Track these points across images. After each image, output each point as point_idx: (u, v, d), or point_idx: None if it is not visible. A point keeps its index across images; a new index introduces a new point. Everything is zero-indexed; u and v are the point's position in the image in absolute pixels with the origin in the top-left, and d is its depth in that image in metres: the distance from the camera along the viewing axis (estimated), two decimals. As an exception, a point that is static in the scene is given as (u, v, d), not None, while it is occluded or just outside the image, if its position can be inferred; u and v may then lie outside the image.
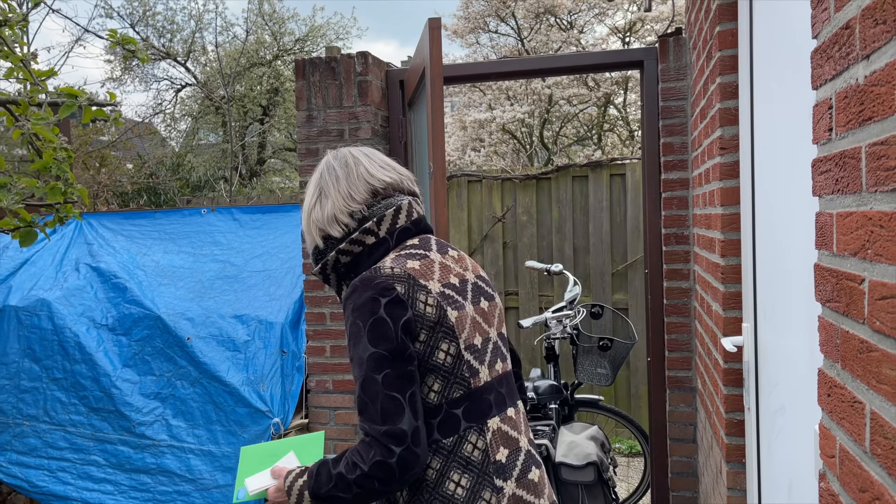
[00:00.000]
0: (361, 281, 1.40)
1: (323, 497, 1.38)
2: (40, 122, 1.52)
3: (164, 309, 3.39)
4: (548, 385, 3.07)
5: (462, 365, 1.42)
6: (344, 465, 1.36)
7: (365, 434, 1.35)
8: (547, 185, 5.10)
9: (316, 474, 1.40)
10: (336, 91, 3.20)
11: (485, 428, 1.43)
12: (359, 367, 1.36)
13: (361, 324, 1.36)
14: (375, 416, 1.33)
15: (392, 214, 1.50)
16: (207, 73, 12.59)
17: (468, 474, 1.40)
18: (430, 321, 1.39)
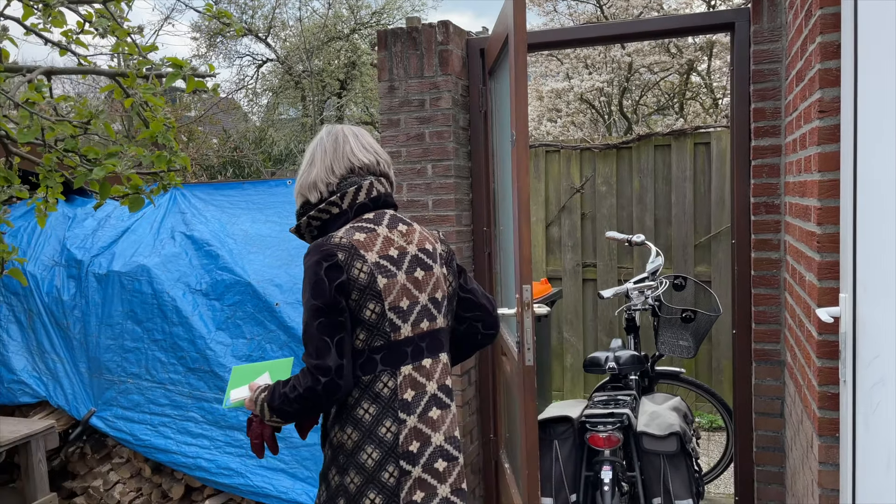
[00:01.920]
0: (314, 246, 1.75)
1: (275, 409, 1.76)
2: (148, 91, 1.60)
3: (253, 276, 3.54)
4: (629, 355, 3.05)
5: (385, 322, 1.76)
6: (289, 387, 1.73)
7: (305, 367, 1.71)
8: (628, 154, 5.00)
9: (272, 391, 1.78)
10: (417, 61, 3.22)
11: (397, 372, 1.78)
12: (305, 312, 1.72)
13: (307, 281, 1.72)
14: (312, 353, 1.69)
15: (353, 192, 1.82)
16: (287, 49, 12.84)
17: (376, 405, 1.76)
18: (362, 285, 1.72)
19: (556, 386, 5.20)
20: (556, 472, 2.71)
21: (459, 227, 3.25)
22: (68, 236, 3.87)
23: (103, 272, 3.66)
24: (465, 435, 3.29)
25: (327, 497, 1.82)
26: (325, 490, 1.83)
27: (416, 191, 3.26)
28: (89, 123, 1.55)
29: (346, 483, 1.77)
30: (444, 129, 3.19)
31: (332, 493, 1.81)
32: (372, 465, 1.75)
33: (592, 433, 2.63)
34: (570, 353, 5.20)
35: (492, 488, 3.49)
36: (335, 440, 1.80)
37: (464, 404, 3.27)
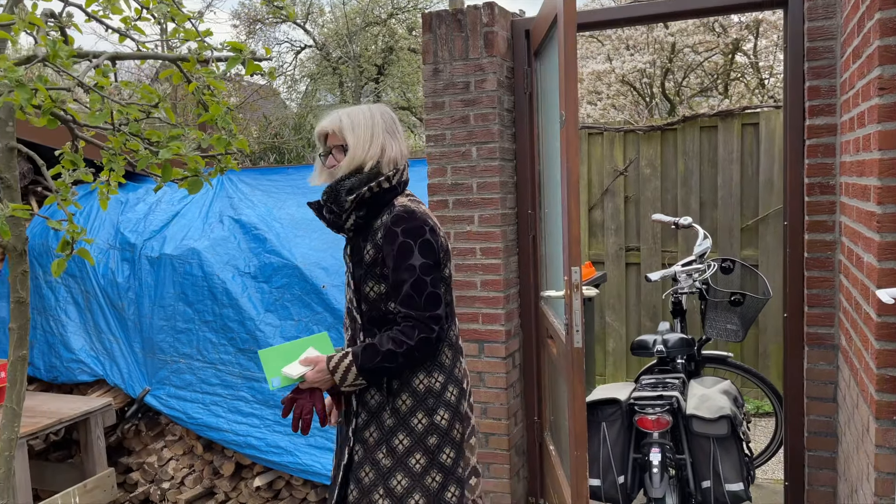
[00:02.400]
0: (407, 214, 1.93)
1: (370, 369, 1.88)
2: (209, 75, 1.63)
3: (300, 259, 3.59)
4: (678, 338, 3.03)
5: (451, 279, 2.05)
6: (391, 343, 1.88)
7: (408, 319, 1.89)
8: (672, 136, 4.93)
9: (362, 353, 1.89)
10: (462, 43, 3.22)
11: (456, 322, 2.09)
12: (410, 272, 1.89)
13: (412, 242, 1.90)
14: (422, 306, 1.88)
15: (402, 169, 2.03)
16: (325, 34, 12.90)
17: (452, 350, 2.04)
18: (444, 247, 1.99)
19: (599, 371, 5.18)
20: (604, 453, 2.71)
21: (504, 210, 3.25)
22: (122, 220, 3.97)
23: (155, 255, 3.76)
24: (510, 416, 3.31)
25: (412, 442, 1.96)
26: (405, 438, 1.96)
27: (460, 174, 3.26)
28: (156, 107, 1.59)
29: (436, 421, 1.98)
30: (488, 111, 3.19)
31: (419, 436, 1.96)
32: (454, 401, 2.01)
33: (641, 415, 2.63)
34: (612, 337, 5.17)
35: (536, 470, 3.51)
36: (421, 387, 1.97)
37: (508, 387, 3.29)
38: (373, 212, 1.98)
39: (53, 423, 3.26)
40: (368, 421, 2.01)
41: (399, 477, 1.96)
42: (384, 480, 1.96)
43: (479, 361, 3.28)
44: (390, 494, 1.95)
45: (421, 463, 1.97)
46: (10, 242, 1.68)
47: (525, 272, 3.40)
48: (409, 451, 1.96)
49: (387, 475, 1.96)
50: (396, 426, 1.97)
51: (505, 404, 3.26)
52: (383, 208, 1.97)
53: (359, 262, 2.00)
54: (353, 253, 2.03)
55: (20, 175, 4.09)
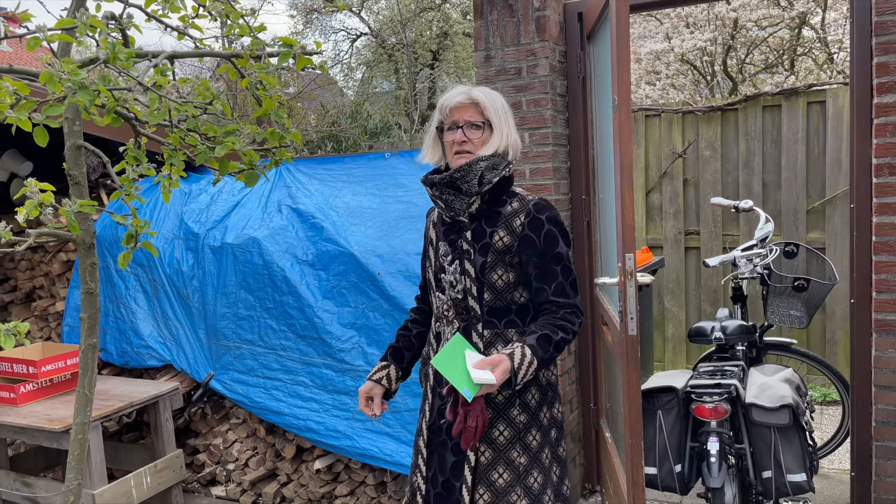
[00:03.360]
0: (544, 202, 1.93)
1: (546, 360, 1.82)
2: (262, 71, 1.67)
3: (356, 247, 3.65)
4: (737, 325, 2.95)
5: None
6: (562, 332, 1.84)
7: (566, 307, 1.87)
8: (733, 116, 4.78)
9: (539, 345, 1.80)
10: (514, 28, 3.19)
11: None
12: (558, 261, 1.88)
13: (556, 231, 1.89)
14: (572, 294, 1.90)
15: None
16: (381, 22, 12.96)
17: None
18: None
19: (657, 357, 5.10)
20: (660, 442, 2.68)
21: (557, 196, 3.23)
22: (185, 211, 4.11)
23: (218, 244, 3.88)
24: (565, 403, 3.30)
25: (542, 438, 1.93)
26: (537, 433, 1.92)
27: (513, 160, 3.25)
28: (210, 104, 1.64)
29: (555, 414, 1.99)
30: (541, 96, 3.16)
31: (545, 431, 1.95)
32: (560, 393, 2.06)
33: (698, 404, 2.58)
34: (671, 323, 5.08)
35: (592, 457, 3.50)
36: (544, 380, 1.96)
37: (563, 373, 3.27)
38: (496, 197, 1.92)
39: (125, 406, 3.42)
40: (495, 418, 1.89)
41: (535, 474, 1.90)
42: (521, 479, 1.88)
43: (534, 348, 3.27)
44: (528, 493, 1.88)
45: (549, 458, 1.94)
46: (78, 236, 1.76)
47: (580, 258, 3.37)
48: (541, 447, 1.91)
49: (524, 474, 1.88)
50: (530, 422, 1.90)
51: (560, 391, 3.25)
52: (504, 195, 1.93)
53: (484, 249, 1.90)
54: (476, 239, 1.92)
55: (91, 169, 4.28)
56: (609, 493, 3.11)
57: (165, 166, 1.99)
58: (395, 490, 3.44)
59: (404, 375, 2.14)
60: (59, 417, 3.28)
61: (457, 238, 1.96)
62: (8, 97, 1.50)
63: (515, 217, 1.89)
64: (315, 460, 3.60)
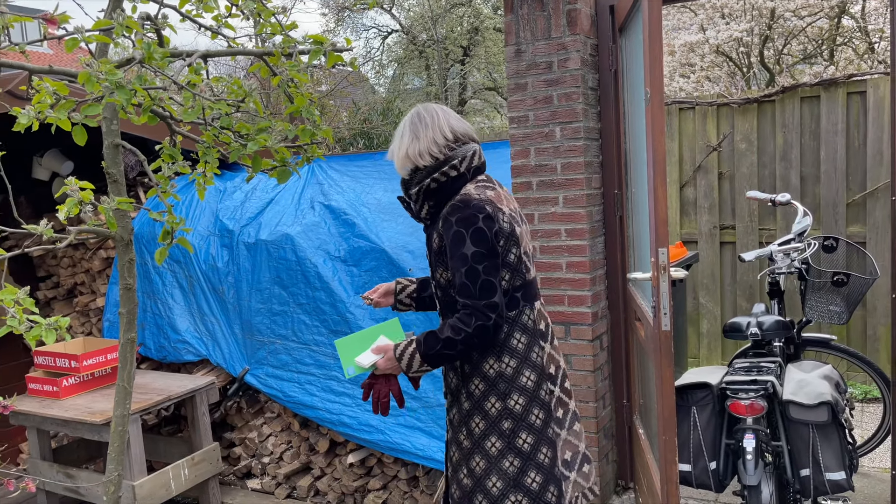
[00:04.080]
0: (462, 203, 1.95)
1: (432, 356, 1.94)
2: (293, 68, 1.69)
3: (387, 243, 3.67)
4: (773, 320, 2.90)
5: (522, 264, 2.03)
6: (450, 331, 1.92)
7: (465, 308, 1.92)
8: (770, 108, 4.69)
9: (424, 341, 1.95)
10: (544, 22, 3.17)
11: (533, 306, 2.06)
12: (462, 261, 1.92)
13: (465, 231, 1.93)
14: (477, 294, 1.91)
15: (470, 156, 2.03)
16: (411, 18, 12.98)
17: (526, 335, 2.03)
18: (506, 233, 1.97)
19: (692, 353, 5.03)
20: (695, 439, 2.65)
21: (589, 190, 3.20)
22: (220, 208, 4.17)
23: (252, 241, 3.93)
24: (598, 399, 3.28)
25: (487, 426, 2.01)
26: (480, 421, 2.01)
27: (543, 154, 3.23)
28: (243, 101, 1.67)
29: (509, 406, 2.00)
30: (572, 90, 3.14)
31: (493, 421, 2.00)
32: (532, 386, 2.01)
33: (734, 400, 2.54)
34: (706, 319, 5.01)
35: (625, 453, 3.47)
36: (491, 371, 2.01)
37: (596, 369, 3.25)
38: (441, 201, 2.03)
39: (164, 400, 3.49)
40: (451, 403, 2.12)
41: (477, 458, 2.02)
42: (466, 460, 2.05)
43: (566, 344, 3.26)
44: (471, 475, 2.03)
45: (497, 447, 2.00)
46: (117, 233, 1.80)
47: (612, 253, 3.35)
48: (485, 435, 2.01)
49: (468, 455, 2.04)
50: (472, 409, 2.03)
51: (592, 387, 3.23)
52: (451, 197, 2.01)
53: (430, 250, 2.10)
54: (427, 241, 2.12)
55: (129, 167, 4.37)
56: (643, 490, 3.08)
57: (200, 163, 2.02)
58: (427, 485, 3.45)
59: (416, 304, 2.35)
60: (99, 410, 3.36)
61: None
62: (48, 97, 1.54)
63: (442, 218, 2.02)
64: (348, 454, 3.63)
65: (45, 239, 1.60)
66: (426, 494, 3.46)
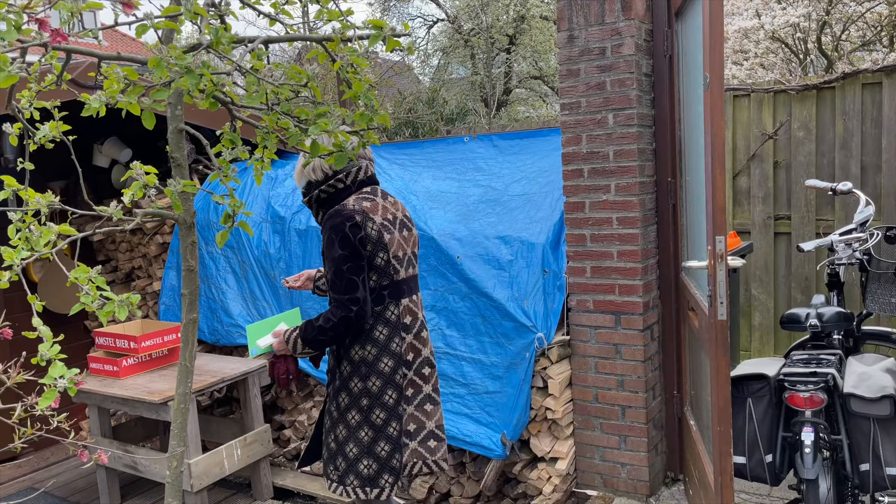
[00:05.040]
0: (334, 212, 2.33)
1: (309, 341, 2.37)
2: (352, 53, 1.70)
3: (436, 230, 3.68)
4: (834, 312, 2.82)
5: (389, 267, 2.39)
6: (322, 320, 2.32)
7: (333, 301, 2.30)
8: (830, 95, 4.54)
9: (304, 328, 2.38)
10: (598, 7, 3.13)
11: (399, 303, 2.43)
12: (332, 262, 2.30)
13: (335, 237, 2.29)
14: (343, 290, 2.28)
15: (356, 171, 2.44)
16: (457, 7, 12.94)
17: (388, 327, 2.40)
18: (373, 239, 2.34)
19: (743, 346, 4.93)
20: (750, 431, 2.60)
21: (642, 178, 3.16)
22: (272, 195, 4.24)
23: (303, 228, 3.99)
24: (648, 390, 3.24)
25: (350, 401, 2.41)
26: (345, 397, 2.42)
27: (596, 142, 3.20)
28: (305, 86, 1.69)
29: (368, 386, 2.40)
30: (626, 76, 3.09)
31: (355, 397, 2.41)
32: (388, 371, 2.40)
33: (792, 392, 2.49)
34: (758, 311, 4.90)
35: (675, 444, 3.43)
36: (356, 356, 2.40)
37: (646, 360, 3.22)
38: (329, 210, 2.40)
39: (217, 382, 3.58)
40: (330, 379, 2.51)
41: (341, 427, 2.44)
42: (333, 428, 2.46)
43: (616, 333, 3.23)
44: (336, 440, 2.45)
45: (356, 419, 2.40)
46: (180, 215, 1.85)
47: (664, 242, 3.30)
48: (348, 408, 2.41)
49: (335, 424, 2.45)
50: (341, 386, 2.43)
51: (642, 377, 3.20)
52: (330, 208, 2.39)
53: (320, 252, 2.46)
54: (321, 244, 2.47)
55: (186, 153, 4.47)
56: (694, 482, 3.04)
57: (258, 149, 2.06)
58: (473, 471, 3.47)
59: None
60: (157, 390, 3.46)
61: None
62: (117, 83, 1.58)
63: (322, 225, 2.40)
64: (396, 439, 3.66)
65: (115, 220, 1.65)
66: (473, 480, 3.48)
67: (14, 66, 1.32)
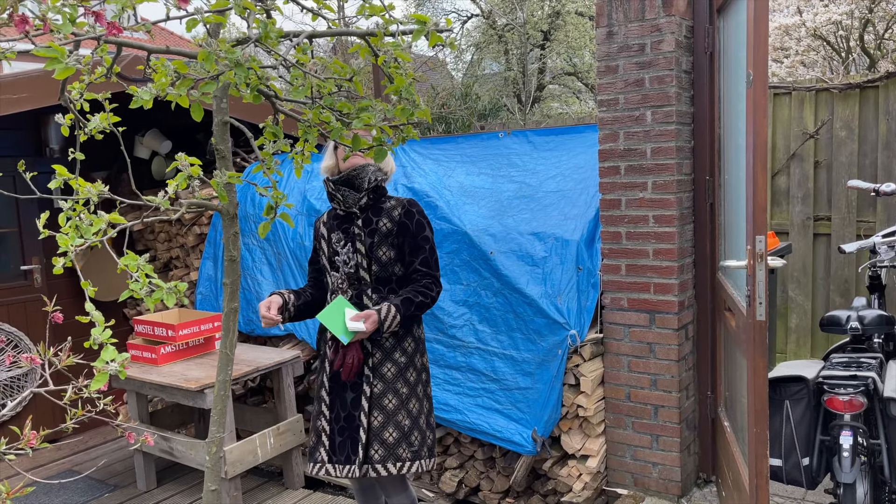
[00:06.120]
0: (410, 201, 2.61)
1: (408, 317, 2.47)
2: (396, 48, 1.72)
3: (469, 226, 3.69)
4: (875, 315, 2.77)
5: None
6: (422, 296, 2.50)
7: (429, 277, 2.54)
8: (873, 94, 4.44)
9: (403, 305, 2.45)
10: (638, 3, 3.10)
11: None
12: (426, 241, 2.56)
13: (424, 221, 2.59)
14: (436, 269, 2.57)
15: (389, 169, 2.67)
16: (491, 3, 12.90)
17: None
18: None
19: (779, 348, 4.86)
20: (787, 433, 2.57)
21: (679, 176, 3.13)
22: (308, 189, 4.29)
23: (337, 221, 4.02)
24: (682, 390, 3.22)
25: (416, 375, 2.58)
26: (413, 372, 2.56)
27: (633, 139, 3.18)
28: (350, 80, 1.71)
29: (425, 361, 2.65)
30: (665, 73, 3.06)
31: (419, 371, 2.58)
32: (423, 348, 2.66)
33: (831, 395, 2.45)
34: (795, 313, 4.82)
35: (707, 446, 3.40)
36: (418, 333, 2.62)
37: (680, 359, 3.19)
38: (377, 196, 2.58)
39: (251, 371, 3.63)
40: (383, 359, 2.52)
41: (413, 402, 2.55)
42: (404, 404, 2.52)
43: (650, 332, 3.21)
44: (409, 415, 2.52)
45: (425, 392, 2.61)
46: (224, 206, 1.88)
47: (701, 241, 3.27)
48: (416, 383, 2.56)
49: (406, 400, 2.52)
50: (408, 363, 2.54)
51: (676, 377, 3.17)
52: (382, 196, 2.60)
53: (372, 233, 2.53)
54: (366, 225, 2.55)
55: (222, 148, 4.54)
56: (727, 484, 3.01)
57: (299, 142, 2.09)
58: (503, 466, 3.48)
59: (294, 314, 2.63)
60: (194, 378, 3.53)
61: (349, 226, 2.58)
62: (166, 76, 1.62)
63: (394, 210, 2.56)
64: (426, 432, 3.69)
65: (162, 210, 1.69)
66: (502, 476, 3.49)
67: (71, 59, 1.36)
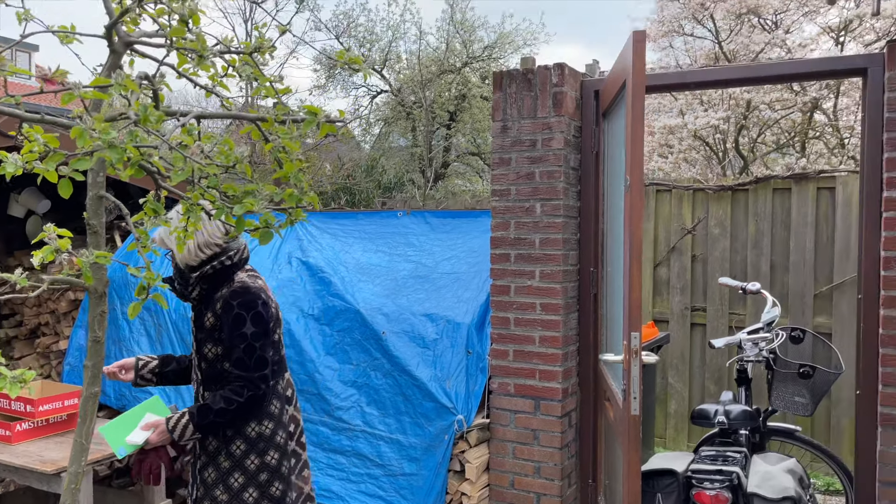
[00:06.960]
0: (242, 289, 2.31)
1: (206, 426, 2.26)
2: (286, 136, 1.72)
3: (362, 304, 3.66)
4: (740, 410, 2.92)
5: (280, 342, 2.46)
6: (223, 402, 2.25)
7: (239, 380, 2.26)
8: (744, 196, 4.83)
9: (198, 413, 2.26)
10: (531, 102, 3.27)
11: (284, 376, 2.48)
12: (242, 339, 2.27)
13: (245, 313, 2.28)
14: (252, 367, 2.27)
15: (242, 249, 2.43)
16: (401, 81, 13.26)
17: (279, 401, 2.42)
18: (275, 317, 2.39)
19: (659, 433, 5.02)
20: (659, 526, 2.63)
21: (566, 267, 3.25)
22: (196, 258, 4.14)
23: (225, 293, 3.89)
24: (564, 478, 3.24)
25: (245, 479, 2.34)
26: (239, 476, 2.34)
27: (523, 229, 3.29)
28: (234, 167, 1.68)
29: (267, 461, 2.36)
30: (554, 168, 3.21)
31: (251, 474, 2.34)
32: (283, 443, 2.40)
33: (699, 490, 2.54)
34: (674, 399, 5.02)
35: (588, 535, 3.41)
36: (253, 433, 2.35)
37: (563, 447, 3.23)
38: (215, 284, 2.35)
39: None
40: (207, 463, 2.38)
41: None
42: None
43: (535, 419, 3.24)
44: None
45: (253, 496, 2.34)
46: (91, 285, 1.78)
47: (585, 330, 3.37)
48: (244, 487, 2.33)
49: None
50: (232, 467, 2.34)
51: (559, 464, 3.20)
52: (224, 282, 2.35)
53: (201, 327, 2.38)
54: (197, 319, 2.40)
55: (107, 210, 4.34)
56: (604, 576, 3.02)
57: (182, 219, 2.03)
58: (384, 556, 3.35)
59: (158, 379, 2.58)
60: (51, 459, 3.24)
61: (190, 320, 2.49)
62: (38, 148, 1.54)
63: (219, 301, 2.32)
64: (305, 520, 3.52)
65: (19, 287, 1.58)
66: (383, 567, 3.36)
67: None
